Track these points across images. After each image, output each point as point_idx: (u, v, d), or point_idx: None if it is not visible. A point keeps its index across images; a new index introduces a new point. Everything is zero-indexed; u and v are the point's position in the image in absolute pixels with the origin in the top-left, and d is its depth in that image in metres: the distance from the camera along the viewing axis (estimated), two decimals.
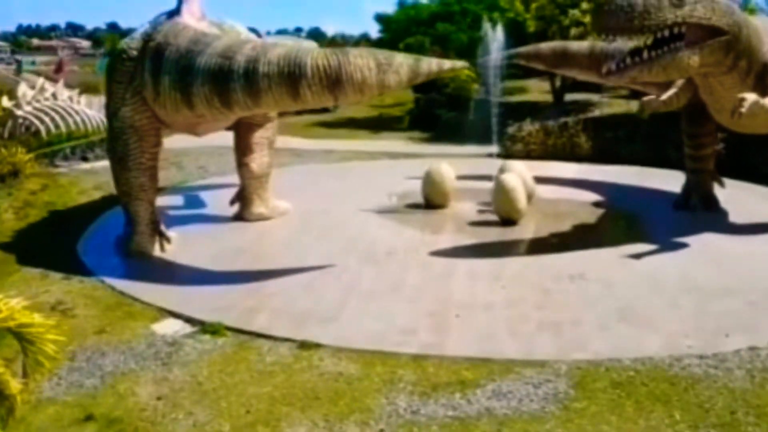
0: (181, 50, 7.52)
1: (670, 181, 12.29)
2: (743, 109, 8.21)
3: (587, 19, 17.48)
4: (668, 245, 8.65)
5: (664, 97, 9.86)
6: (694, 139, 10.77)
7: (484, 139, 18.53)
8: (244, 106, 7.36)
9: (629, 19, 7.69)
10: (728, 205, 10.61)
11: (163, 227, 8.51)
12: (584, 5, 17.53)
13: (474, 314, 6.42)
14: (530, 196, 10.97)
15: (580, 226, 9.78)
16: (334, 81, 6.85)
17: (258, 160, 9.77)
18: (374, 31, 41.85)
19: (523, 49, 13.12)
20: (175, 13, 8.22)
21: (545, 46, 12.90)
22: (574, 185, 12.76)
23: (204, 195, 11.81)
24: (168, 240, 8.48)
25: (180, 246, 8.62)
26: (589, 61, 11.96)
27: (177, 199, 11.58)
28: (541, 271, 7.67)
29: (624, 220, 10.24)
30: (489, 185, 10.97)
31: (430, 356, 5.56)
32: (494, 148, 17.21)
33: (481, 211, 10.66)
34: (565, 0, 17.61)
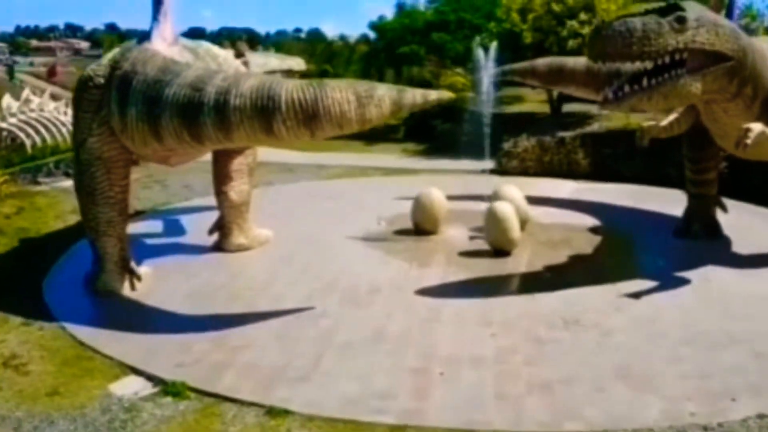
0: (148, 80, 7.03)
1: (671, 202, 11.84)
2: (748, 141, 7.75)
3: (585, 30, 17.02)
4: (668, 282, 8.16)
5: (665, 123, 9.39)
6: (696, 164, 10.29)
7: (479, 152, 18.04)
8: (215, 141, 6.88)
9: (628, 44, 7.22)
10: (731, 231, 10.15)
11: (133, 264, 8.03)
12: (582, 16, 17.07)
13: (460, 371, 5.93)
14: (524, 222, 10.51)
15: (575, 257, 9.30)
16: (310, 115, 6.37)
17: (237, 188, 9.29)
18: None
19: (518, 66, 12.63)
20: (145, 38, 7.74)
21: (541, 62, 12.40)
22: (570, 207, 12.30)
23: (185, 220, 11.32)
24: (138, 278, 8.00)
25: (151, 283, 8.14)
26: (587, 78, 11.51)
27: (156, 225, 11.11)
28: (533, 315, 7.18)
29: (622, 251, 9.76)
30: (482, 206, 10.52)
31: (409, 427, 5.08)
32: (489, 164, 16.76)
33: (472, 238, 10.20)
34: (563, 11, 17.13)
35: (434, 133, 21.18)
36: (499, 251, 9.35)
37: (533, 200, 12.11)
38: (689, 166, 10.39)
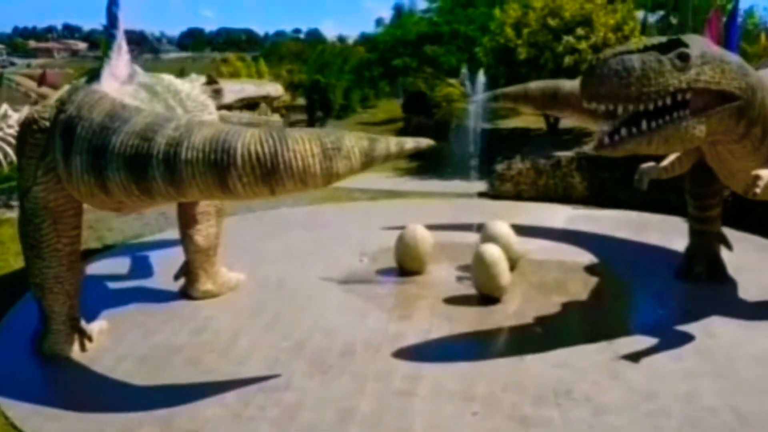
0: (94, 126, 6.34)
1: (672, 232, 11.23)
2: (758, 189, 7.07)
3: (582, 45, 16.37)
4: (669, 339, 7.47)
5: (665, 163, 8.72)
6: (699, 200, 9.61)
7: (473, 172, 17.41)
8: (167, 196, 6.19)
9: (625, 85, 6.54)
10: (737, 271, 9.47)
11: (83, 323, 7.33)
12: (579, 31, 16.39)
13: None
14: (516, 261, 9.86)
15: (569, 305, 8.61)
16: (269, 171, 5.68)
17: (204, 232, 8.61)
18: (381, 24, 40.87)
19: (510, 90, 11.94)
20: (95, 76, 7.04)
21: (534, 86, 11.70)
22: (565, 239, 11.61)
23: (154, 257, 10.63)
24: (89, 338, 7.31)
25: (105, 341, 7.46)
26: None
27: (122, 263, 10.41)
28: (520, 386, 6.48)
29: (619, 297, 9.08)
30: (473, 238, 9.81)
31: None
32: (482, 185, 16.14)
33: (460, 278, 9.52)
34: (559, 25, 16.44)
35: (427, 149, 20.50)
36: (487, 298, 8.68)
37: (526, 230, 11.48)
38: (692, 202, 9.71)
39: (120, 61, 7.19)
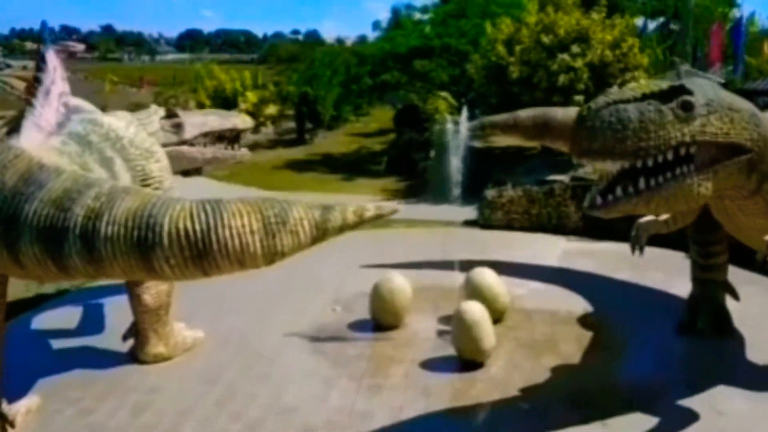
0: (6, 192, 5.45)
1: (673, 271, 10.45)
2: None
3: (578, 63, 15.52)
4: (671, 421, 6.61)
5: (666, 216, 7.87)
6: (703, 247, 8.75)
7: (462, 196, 16.60)
8: (86, 274, 5.33)
9: (620, 139, 5.70)
10: (744, 323, 8.64)
11: (4, 406, 6.47)
12: (574, 48, 15.53)
13: None
14: (503, 313, 9.04)
15: (559, 370, 7.74)
16: (200, 251, 4.80)
17: (153, 290, 7.73)
18: (372, 34, 40.18)
19: (498, 119, 11.04)
20: (15, 128, 6.16)
21: (524, 115, 10.77)
22: (558, 280, 10.73)
23: (108, 307, 9.72)
24: (11, 423, 6.44)
25: (32, 424, 6.59)
26: None
27: (69, 316, 9.47)
28: None
29: (615, 359, 8.19)
30: (458, 278, 9.27)
31: None
32: (472, 211, 15.31)
33: (441, 333, 8.67)
34: (553, 42, 15.58)
35: (416, 168, 19.70)
36: (469, 362, 7.82)
37: (516, 270, 10.70)
38: (695, 248, 8.85)
39: (47, 109, 6.31)
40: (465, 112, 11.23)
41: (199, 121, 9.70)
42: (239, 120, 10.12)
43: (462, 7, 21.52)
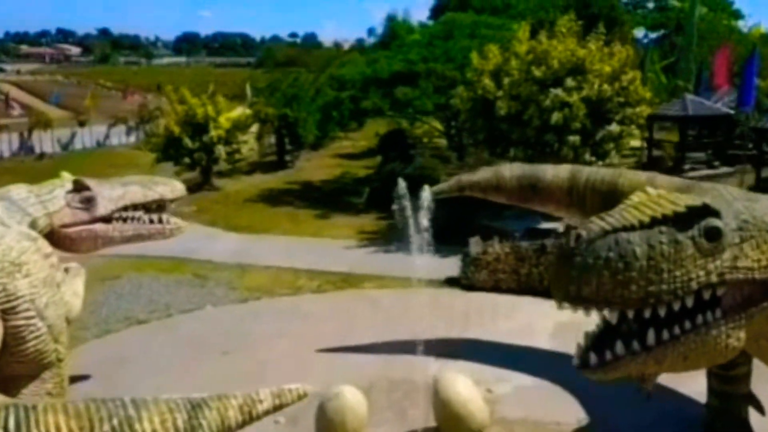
0: None
1: None
2: None
3: (573, 98, 13.93)
4: None
5: None
6: None
7: (448, 242, 14.94)
8: None
9: (622, 283, 4.16)
10: None
11: None
12: (569, 82, 13.92)
13: None
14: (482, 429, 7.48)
15: None
16: None
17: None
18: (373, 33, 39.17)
19: (478, 178, 9.53)
20: None
21: (509, 175, 9.24)
22: (547, 371, 9.14)
23: None
24: None
25: None
26: (570, 198, 8.61)
27: None
28: None
29: None
30: (431, 372, 7.91)
31: None
32: (455, 264, 13.75)
33: None
34: (545, 75, 13.99)
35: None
36: None
37: (501, 356, 9.20)
38: None
39: None
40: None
41: (115, 194, 8.11)
42: (167, 189, 8.52)
43: (449, 28, 19.98)
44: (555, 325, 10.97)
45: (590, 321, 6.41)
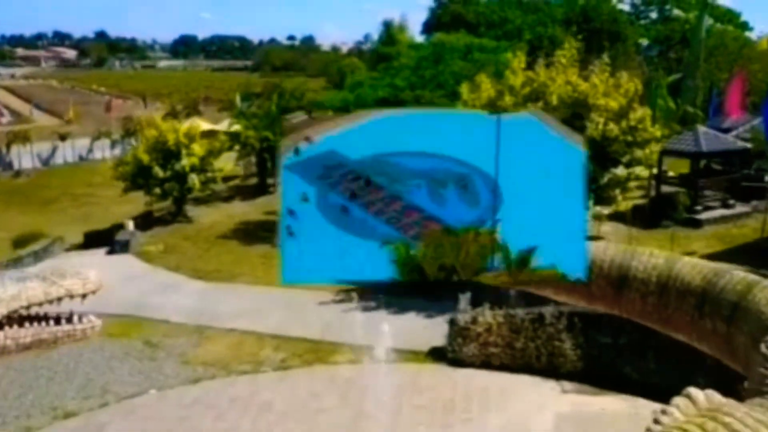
0: None
1: None
2: None
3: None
4: None
5: None
6: None
7: (436, 296, 13.41)
8: None
9: None
10: None
11: None
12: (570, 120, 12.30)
13: None
14: None
15: None
16: None
17: None
18: (374, 33, 37.78)
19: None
20: None
21: None
22: None
23: None
24: None
25: None
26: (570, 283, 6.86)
27: None
28: None
29: None
30: None
31: None
32: (442, 326, 12.17)
33: None
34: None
35: None
36: None
37: None
38: None
39: None
40: None
41: (8, 293, 6.47)
42: (78, 284, 6.80)
43: (439, 51, 18.36)
44: (554, 417, 9.40)
45: (594, 414, 4.89)
